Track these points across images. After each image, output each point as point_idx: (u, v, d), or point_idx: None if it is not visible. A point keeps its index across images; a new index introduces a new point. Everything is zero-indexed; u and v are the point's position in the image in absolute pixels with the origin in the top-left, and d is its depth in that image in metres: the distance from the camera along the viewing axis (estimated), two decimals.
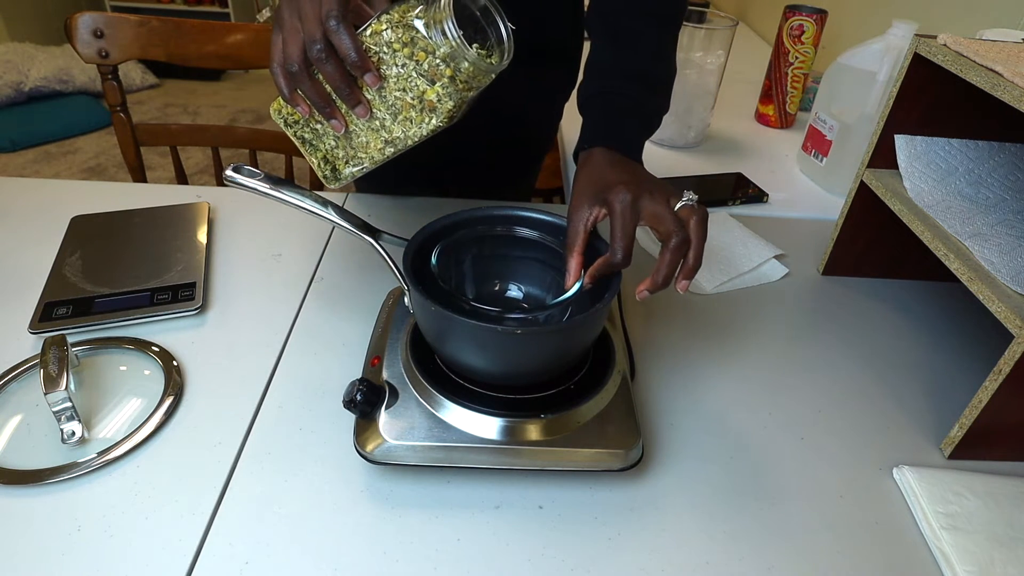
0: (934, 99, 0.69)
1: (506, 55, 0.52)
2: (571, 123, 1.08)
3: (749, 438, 0.60)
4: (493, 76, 0.52)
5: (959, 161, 0.71)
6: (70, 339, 0.58)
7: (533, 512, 0.52)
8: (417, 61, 0.50)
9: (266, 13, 3.61)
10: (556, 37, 0.88)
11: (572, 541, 0.50)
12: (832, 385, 0.67)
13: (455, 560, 0.49)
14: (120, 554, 0.47)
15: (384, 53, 0.50)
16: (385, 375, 0.55)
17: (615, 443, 0.52)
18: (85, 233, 0.79)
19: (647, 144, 0.63)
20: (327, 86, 0.52)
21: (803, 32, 1.17)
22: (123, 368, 0.62)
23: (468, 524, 0.51)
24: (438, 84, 0.51)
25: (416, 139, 0.54)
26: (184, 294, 0.69)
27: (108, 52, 1.10)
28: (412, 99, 0.51)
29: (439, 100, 0.51)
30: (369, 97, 0.53)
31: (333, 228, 0.83)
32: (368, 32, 0.51)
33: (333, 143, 0.56)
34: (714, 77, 1.13)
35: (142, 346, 0.64)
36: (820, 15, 1.16)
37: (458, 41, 0.48)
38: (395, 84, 0.51)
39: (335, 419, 0.57)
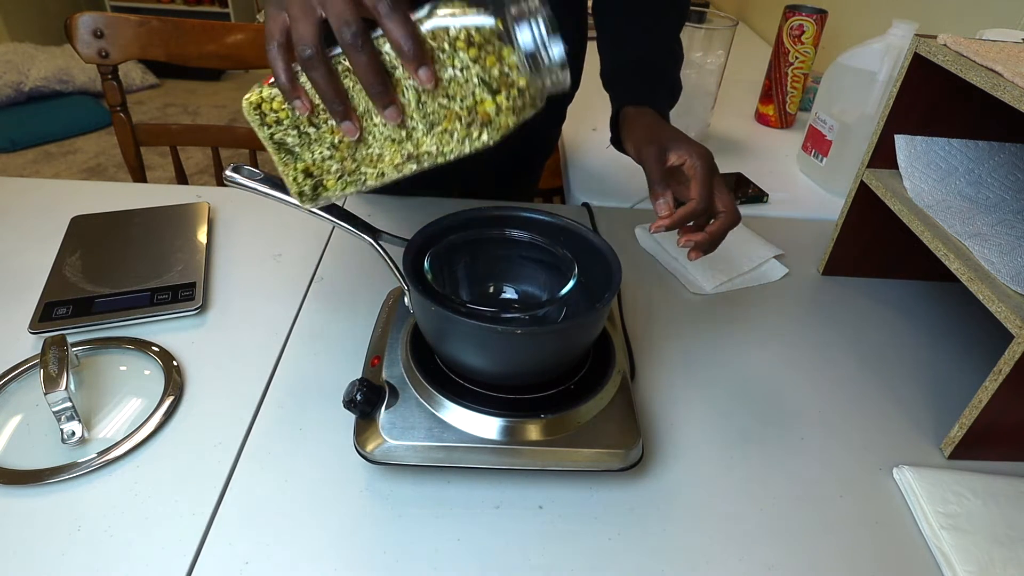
0: (934, 99, 0.69)
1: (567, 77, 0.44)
2: (571, 124, 1.08)
3: (749, 438, 0.60)
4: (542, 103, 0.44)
5: (959, 161, 0.71)
6: (70, 339, 0.58)
7: (533, 512, 0.52)
8: (483, 65, 0.41)
9: None
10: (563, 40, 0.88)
11: (572, 541, 0.50)
12: (832, 385, 0.67)
13: (455, 560, 0.49)
14: (120, 554, 0.47)
15: (440, 50, 0.41)
16: (385, 375, 0.55)
17: (615, 443, 0.52)
18: (85, 233, 0.79)
19: None
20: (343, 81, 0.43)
21: (803, 32, 1.17)
22: (123, 368, 0.62)
23: (468, 524, 0.51)
24: (502, 95, 0.42)
25: (451, 157, 0.45)
26: (184, 294, 0.69)
27: (108, 52, 1.10)
28: (462, 109, 0.42)
29: (498, 114, 0.42)
30: (403, 101, 0.43)
31: (333, 228, 0.83)
32: (427, 23, 0.41)
33: (326, 153, 0.45)
34: (714, 77, 1.13)
35: (142, 346, 0.64)
36: (820, 15, 1.16)
37: (546, 47, 0.41)
38: (444, 89, 0.42)
39: (335, 419, 0.57)
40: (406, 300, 0.55)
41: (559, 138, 1.11)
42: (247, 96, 0.45)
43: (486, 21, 0.40)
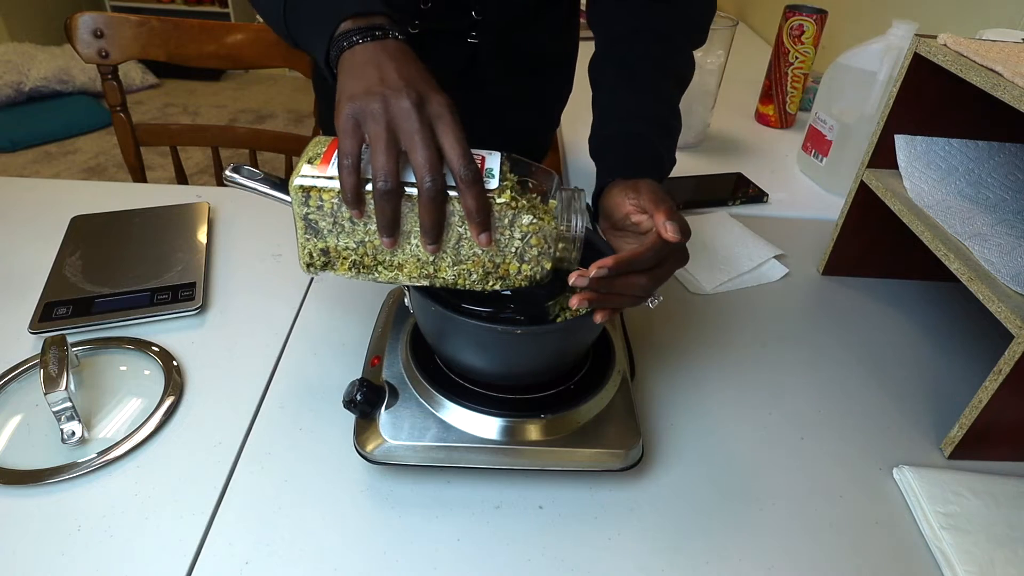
0: (934, 99, 0.69)
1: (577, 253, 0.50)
2: (571, 124, 1.08)
3: (749, 438, 0.60)
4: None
5: (959, 161, 0.71)
6: (70, 339, 0.58)
7: (533, 512, 0.52)
8: (527, 244, 0.47)
9: None
10: (554, 48, 0.88)
11: (572, 541, 0.50)
12: (832, 385, 0.67)
13: (455, 560, 0.49)
14: (120, 554, 0.47)
15: (498, 220, 0.46)
16: (385, 375, 0.55)
17: (615, 443, 0.52)
18: (85, 233, 0.79)
19: None
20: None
21: (803, 32, 1.17)
22: (123, 368, 0.62)
23: (468, 524, 0.51)
24: (527, 266, 0.48)
25: (455, 286, 0.49)
26: (184, 294, 0.69)
27: (108, 52, 1.10)
28: (490, 262, 0.48)
29: (517, 275, 0.49)
30: (444, 237, 0.47)
31: None
32: (499, 199, 0.46)
33: (352, 245, 0.48)
34: (714, 77, 1.13)
35: (142, 346, 0.64)
36: (820, 15, 1.16)
37: (578, 241, 0.48)
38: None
39: (335, 419, 0.57)
40: (406, 300, 0.55)
41: (552, 141, 1.11)
42: (298, 177, 0.46)
43: (551, 225, 0.47)
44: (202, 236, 0.79)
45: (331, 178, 0.45)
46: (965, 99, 0.68)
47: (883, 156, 0.73)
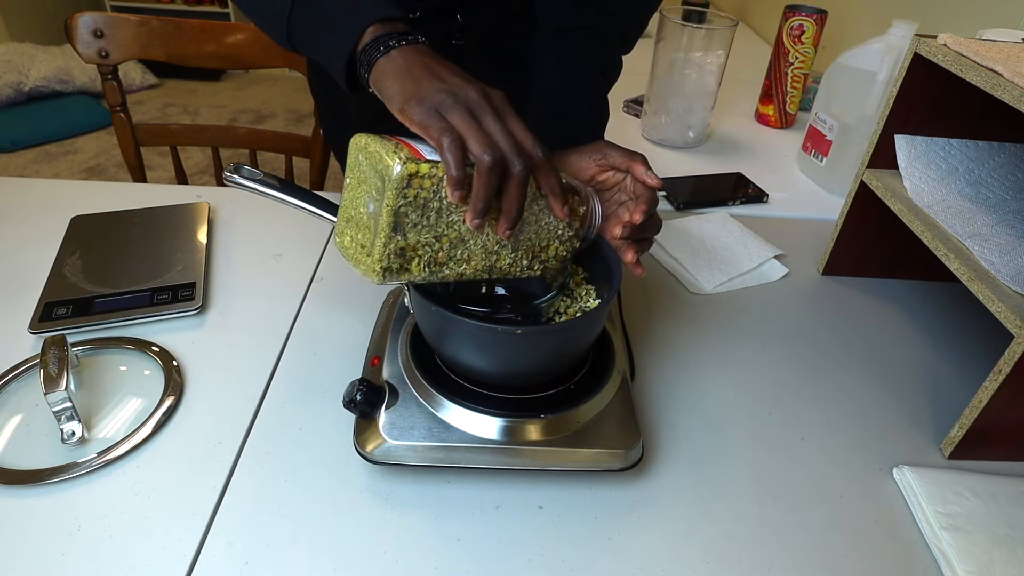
0: (934, 99, 0.69)
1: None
2: None
3: (749, 438, 0.60)
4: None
5: (959, 161, 0.71)
6: (70, 339, 0.58)
7: (533, 512, 0.52)
8: (569, 223, 0.52)
9: None
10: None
11: (572, 541, 0.50)
12: (832, 385, 0.67)
13: (455, 560, 0.49)
14: (120, 554, 0.47)
15: (542, 198, 0.51)
16: (385, 375, 0.55)
17: (615, 443, 0.52)
18: (85, 233, 0.79)
19: (648, 145, 0.67)
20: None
21: (803, 32, 1.17)
22: (123, 368, 0.62)
23: (468, 524, 0.51)
24: (563, 245, 0.53)
25: (511, 274, 0.53)
26: (184, 294, 0.69)
27: (108, 52, 1.10)
28: (536, 246, 0.52)
29: (555, 256, 0.53)
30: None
31: (333, 228, 0.83)
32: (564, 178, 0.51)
33: (431, 240, 0.48)
34: (714, 77, 1.13)
35: (142, 346, 0.64)
36: (820, 15, 1.16)
37: (598, 223, 0.55)
38: (536, 226, 0.51)
39: (335, 419, 0.57)
40: (406, 300, 0.55)
41: None
42: (401, 164, 0.44)
43: (581, 207, 0.53)
44: (202, 236, 0.79)
45: (431, 162, 0.45)
46: (965, 99, 0.68)
47: (883, 156, 0.73)
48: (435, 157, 0.45)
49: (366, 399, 0.52)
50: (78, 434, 0.54)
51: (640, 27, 0.76)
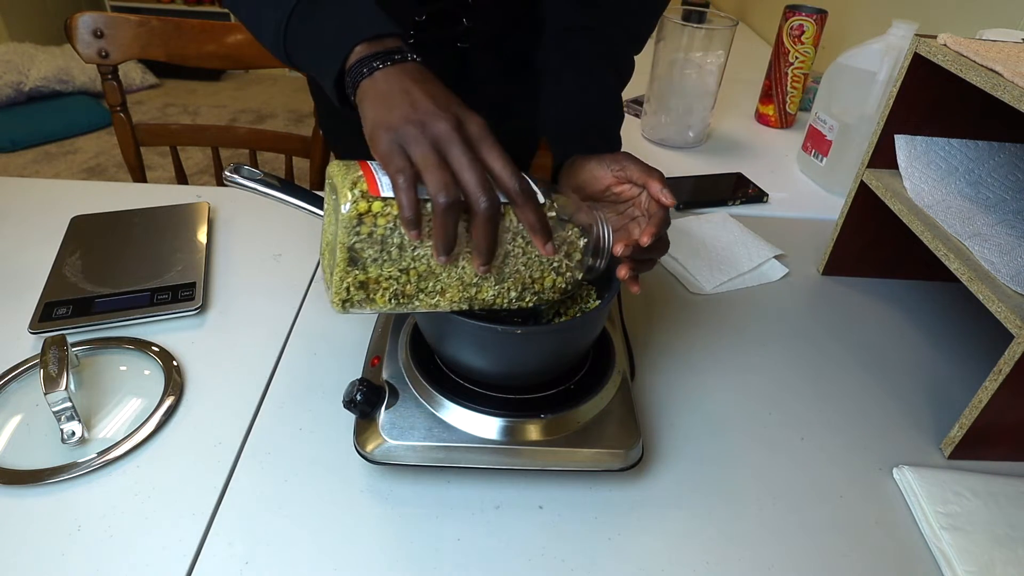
0: (934, 99, 0.69)
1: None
2: None
3: (749, 438, 0.60)
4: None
5: (959, 161, 0.71)
6: (70, 339, 0.58)
7: (533, 512, 0.52)
8: (566, 254, 0.49)
9: None
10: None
11: (572, 541, 0.50)
12: (832, 385, 0.67)
13: (455, 560, 0.49)
14: (120, 554, 0.47)
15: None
16: (385, 375, 0.55)
17: (615, 443, 0.52)
18: (85, 233, 0.79)
19: (648, 145, 0.66)
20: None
21: (803, 32, 1.17)
22: (123, 368, 0.62)
23: (468, 524, 0.51)
24: (560, 278, 0.50)
25: (496, 306, 0.49)
26: (184, 294, 0.69)
27: (108, 52, 1.10)
28: (528, 277, 0.49)
29: (552, 288, 0.50)
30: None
31: None
32: (551, 213, 0.48)
33: (395, 273, 0.45)
34: (714, 77, 1.13)
35: (142, 346, 0.64)
36: (820, 15, 1.16)
37: (608, 251, 0.51)
38: (524, 258, 0.48)
39: (335, 419, 0.57)
40: None
41: (540, 142, 1.11)
42: (350, 203, 0.43)
43: (582, 238, 0.50)
44: (202, 236, 0.79)
45: (385, 200, 0.43)
46: (965, 99, 0.68)
47: (883, 156, 0.73)
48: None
49: (366, 399, 0.52)
50: (78, 434, 0.54)
51: (649, 28, 0.76)
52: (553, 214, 0.48)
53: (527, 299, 0.50)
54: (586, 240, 0.50)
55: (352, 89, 0.48)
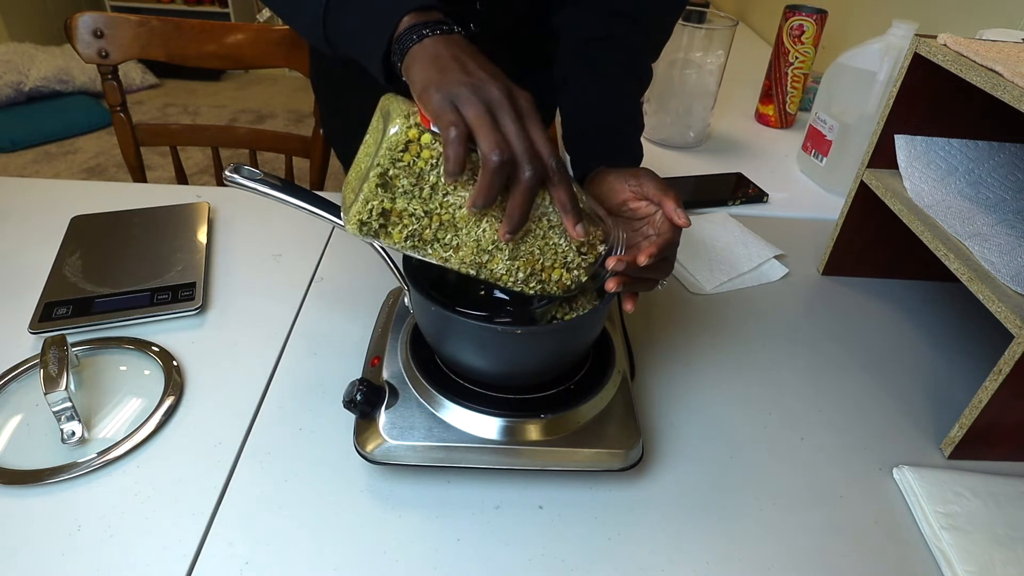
0: (934, 99, 0.69)
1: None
2: None
3: (749, 438, 0.60)
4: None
5: (959, 161, 0.71)
6: (70, 339, 0.58)
7: (533, 512, 0.52)
8: (579, 248, 0.50)
9: (266, 13, 3.60)
10: (552, 43, 0.89)
11: (572, 541, 0.50)
12: (832, 385, 0.67)
13: (455, 560, 0.49)
14: (120, 554, 0.47)
15: (555, 215, 0.48)
16: (385, 375, 0.55)
17: (615, 443, 0.52)
18: (85, 233, 0.79)
19: (649, 145, 0.67)
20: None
21: (803, 32, 1.17)
22: (123, 368, 0.62)
23: (468, 524, 0.51)
24: (569, 274, 0.50)
25: (501, 283, 0.50)
26: (184, 294, 0.69)
27: (108, 52, 1.10)
28: (539, 263, 0.49)
29: (557, 281, 0.50)
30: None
31: (333, 228, 0.83)
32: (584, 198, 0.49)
33: (420, 212, 0.46)
34: (714, 77, 1.13)
35: (142, 346, 0.64)
36: (820, 15, 1.16)
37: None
38: (541, 241, 0.48)
39: (335, 419, 0.57)
40: (406, 300, 0.55)
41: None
42: (401, 128, 0.44)
43: (603, 244, 0.50)
44: (202, 236, 0.79)
45: (435, 135, 0.44)
46: (965, 99, 0.68)
47: (883, 156, 0.73)
48: None
49: (366, 399, 0.52)
50: (78, 434, 0.54)
51: (668, 34, 0.75)
52: (582, 205, 0.48)
53: (532, 285, 0.50)
54: (605, 247, 0.51)
55: (399, 57, 0.48)
